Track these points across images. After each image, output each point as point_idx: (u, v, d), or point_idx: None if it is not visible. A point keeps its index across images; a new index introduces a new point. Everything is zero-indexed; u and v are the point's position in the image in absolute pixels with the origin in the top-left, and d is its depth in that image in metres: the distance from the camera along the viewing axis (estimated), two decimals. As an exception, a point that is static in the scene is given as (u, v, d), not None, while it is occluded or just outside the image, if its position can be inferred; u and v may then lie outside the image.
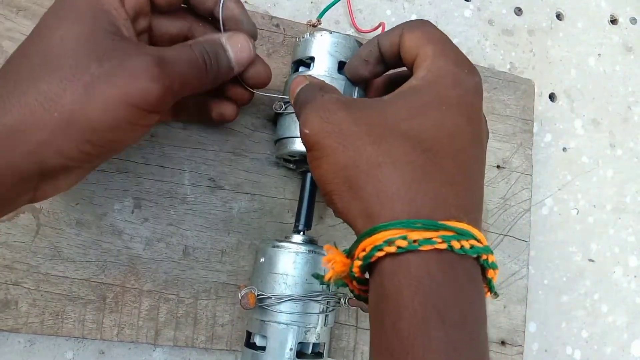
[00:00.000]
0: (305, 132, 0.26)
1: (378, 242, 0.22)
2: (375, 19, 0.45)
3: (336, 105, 0.26)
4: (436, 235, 0.22)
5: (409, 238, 0.22)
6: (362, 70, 0.32)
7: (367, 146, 0.24)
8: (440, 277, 0.22)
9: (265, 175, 0.39)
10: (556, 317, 0.46)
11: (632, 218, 0.50)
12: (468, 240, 0.22)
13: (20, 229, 0.34)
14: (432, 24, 0.29)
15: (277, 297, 0.32)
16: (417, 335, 0.21)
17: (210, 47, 0.30)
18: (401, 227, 0.22)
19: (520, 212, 0.44)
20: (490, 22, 0.49)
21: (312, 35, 0.34)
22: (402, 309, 0.22)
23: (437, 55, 0.27)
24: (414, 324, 0.21)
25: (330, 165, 0.25)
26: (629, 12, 0.54)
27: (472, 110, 0.26)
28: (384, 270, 0.23)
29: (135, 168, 0.36)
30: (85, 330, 0.34)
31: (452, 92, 0.26)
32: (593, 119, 0.50)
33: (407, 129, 0.24)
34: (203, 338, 0.36)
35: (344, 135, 0.25)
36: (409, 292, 0.22)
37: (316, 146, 0.25)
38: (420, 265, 0.22)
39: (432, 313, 0.21)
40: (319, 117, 0.25)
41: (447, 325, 0.21)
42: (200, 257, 0.37)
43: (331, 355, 0.38)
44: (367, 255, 0.23)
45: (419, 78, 0.27)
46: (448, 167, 0.24)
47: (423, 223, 0.22)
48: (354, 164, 0.24)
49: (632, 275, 0.49)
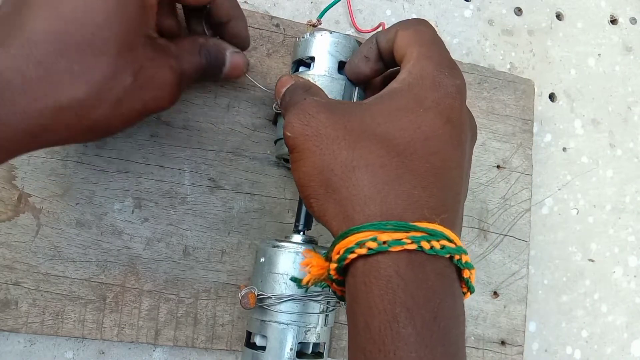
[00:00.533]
0: (287, 135, 0.26)
1: (350, 245, 0.23)
2: (375, 19, 0.45)
3: (317, 109, 0.26)
4: (406, 236, 0.22)
5: (378, 239, 0.22)
6: (362, 67, 0.32)
7: (343, 150, 0.24)
8: (410, 277, 0.22)
9: (265, 175, 0.39)
10: (556, 317, 0.46)
11: (632, 218, 0.50)
12: (439, 241, 0.23)
13: (20, 229, 0.34)
14: (427, 24, 0.29)
15: (277, 297, 0.32)
16: (388, 334, 0.21)
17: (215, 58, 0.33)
18: (372, 229, 0.23)
19: (520, 212, 0.44)
20: (490, 22, 0.49)
21: (313, 35, 0.34)
22: (372, 308, 0.22)
23: (420, 57, 0.27)
24: (384, 322, 0.22)
25: (308, 168, 0.25)
26: (628, 12, 0.54)
27: (451, 113, 0.26)
28: (356, 271, 0.23)
29: (135, 168, 0.36)
30: (85, 330, 0.34)
31: (430, 95, 0.26)
32: (593, 119, 0.50)
33: (383, 133, 0.25)
34: (203, 338, 0.36)
35: (321, 138, 0.25)
36: (378, 292, 0.22)
37: (296, 149, 0.26)
38: (389, 266, 0.22)
39: (402, 311, 0.21)
40: (299, 120, 0.26)
41: (417, 323, 0.21)
42: (200, 257, 0.37)
43: (331, 355, 0.38)
44: (341, 258, 0.23)
45: (399, 80, 0.27)
46: (421, 169, 0.24)
47: (393, 225, 0.22)
48: (329, 168, 0.25)
49: (632, 275, 0.49)
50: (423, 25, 0.29)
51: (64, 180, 0.35)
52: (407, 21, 0.30)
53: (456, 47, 0.47)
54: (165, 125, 0.37)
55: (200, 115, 0.38)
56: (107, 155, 0.36)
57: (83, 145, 0.36)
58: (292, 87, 0.30)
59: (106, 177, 0.36)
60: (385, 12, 0.46)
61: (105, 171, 0.36)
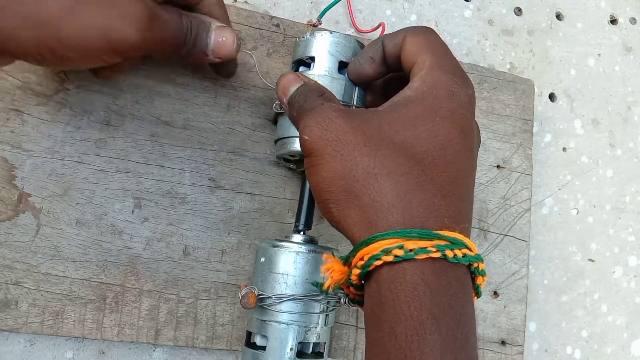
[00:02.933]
0: (304, 139, 0.26)
1: (375, 252, 0.23)
2: (375, 19, 0.45)
3: (336, 114, 0.26)
4: (431, 244, 0.23)
5: (405, 247, 0.23)
6: (367, 68, 0.32)
7: (364, 157, 0.25)
8: (435, 284, 0.23)
9: (265, 175, 0.39)
10: (556, 317, 0.46)
11: (632, 218, 0.50)
12: (460, 249, 0.24)
13: (20, 229, 0.34)
14: (435, 32, 0.30)
15: (277, 297, 0.32)
16: (414, 339, 0.22)
17: (196, 25, 0.31)
18: (397, 237, 0.23)
19: (520, 212, 0.44)
20: (490, 22, 0.49)
21: (313, 34, 0.34)
22: (399, 314, 0.23)
23: (433, 66, 0.27)
24: (411, 328, 0.22)
25: (328, 172, 0.25)
26: (628, 12, 0.54)
27: (465, 123, 0.27)
28: (381, 277, 0.24)
29: (135, 168, 0.36)
30: (85, 330, 0.34)
31: (445, 105, 0.26)
32: (593, 119, 0.50)
33: (402, 141, 0.25)
34: (203, 338, 0.36)
35: (342, 144, 0.25)
36: (405, 298, 0.23)
37: (315, 153, 0.26)
38: (415, 273, 0.23)
39: (428, 318, 0.22)
40: (318, 124, 0.26)
41: (442, 329, 0.22)
42: (200, 257, 0.37)
43: (331, 355, 0.38)
44: (366, 264, 0.24)
45: (413, 88, 0.27)
46: (440, 178, 0.25)
47: (418, 232, 0.23)
48: (350, 174, 0.25)
49: (632, 275, 0.49)
50: (431, 33, 0.30)
51: (64, 180, 0.35)
52: (415, 28, 0.30)
53: (456, 47, 0.47)
54: (165, 125, 0.37)
55: (200, 115, 0.38)
56: (107, 155, 0.36)
57: (83, 145, 0.36)
58: (305, 89, 0.29)
59: (106, 177, 0.36)
60: (385, 12, 0.46)
61: (105, 171, 0.36)
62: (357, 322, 0.39)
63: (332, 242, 0.39)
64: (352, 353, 0.39)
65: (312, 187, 0.27)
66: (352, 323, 0.39)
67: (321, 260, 0.33)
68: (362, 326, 0.39)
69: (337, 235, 0.40)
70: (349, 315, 0.39)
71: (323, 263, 0.33)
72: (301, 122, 0.27)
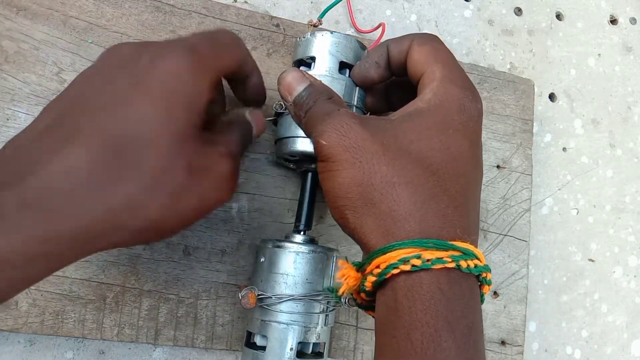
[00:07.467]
0: (322, 143, 0.26)
1: (393, 260, 0.24)
2: (375, 19, 0.45)
3: (354, 120, 0.26)
4: (446, 254, 0.24)
5: (422, 257, 0.23)
6: (372, 72, 0.32)
7: (383, 165, 0.25)
8: (450, 293, 0.24)
9: (265, 175, 0.39)
10: (556, 317, 0.46)
11: (632, 218, 0.50)
12: (472, 260, 0.24)
13: (20, 228, 0.34)
14: (441, 41, 0.30)
15: (277, 297, 0.32)
16: (430, 346, 0.23)
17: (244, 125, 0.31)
18: (414, 246, 0.24)
19: (520, 212, 0.44)
20: (490, 22, 0.49)
21: (313, 34, 0.34)
22: (415, 321, 0.23)
23: (444, 78, 0.28)
24: (427, 335, 0.23)
25: (345, 179, 0.26)
26: (628, 12, 0.54)
27: (474, 136, 0.28)
28: (397, 285, 0.24)
29: (136, 168, 0.36)
30: (85, 330, 0.34)
31: (457, 118, 0.27)
32: (593, 119, 0.50)
33: (417, 151, 0.26)
34: (203, 338, 0.36)
35: (360, 151, 0.25)
36: (422, 306, 0.23)
37: (332, 158, 0.26)
38: (432, 282, 0.24)
39: (444, 325, 0.23)
40: (336, 130, 0.26)
41: (457, 336, 0.23)
42: (200, 257, 0.37)
43: (331, 355, 0.38)
44: (382, 272, 0.24)
45: (425, 100, 0.28)
46: (452, 189, 0.25)
47: (435, 243, 0.24)
48: (369, 182, 0.25)
49: (632, 275, 0.49)
50: (438, 42, 0.30)
51: (64, 180, 0.35)
52: (421, 36, 0.30)
53: (456, 47, 0.47)
54: (165, 125, 0.37)
55: (200, 115, 0.38)
56: (107, 155, 0.36)
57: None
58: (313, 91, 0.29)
59: (106, 177, 0.36)
60: (385, 12, 0.46)
61: (106, 171, 0.36)
62: (357, 322, 0.39)
63: (332, 242, 0.39)
64: (352, 353, 0.39)
65: (326, 192, 0.27)
66: (352, 323, 0.39)
67: (321, 260, 0.33)
68: (362, 326, 0.39)
69: (337, 235, 0.40)
70: (349, 315, 0.39)
71: (323, 263, 0.33)
72: (317, 126, 0.27)
